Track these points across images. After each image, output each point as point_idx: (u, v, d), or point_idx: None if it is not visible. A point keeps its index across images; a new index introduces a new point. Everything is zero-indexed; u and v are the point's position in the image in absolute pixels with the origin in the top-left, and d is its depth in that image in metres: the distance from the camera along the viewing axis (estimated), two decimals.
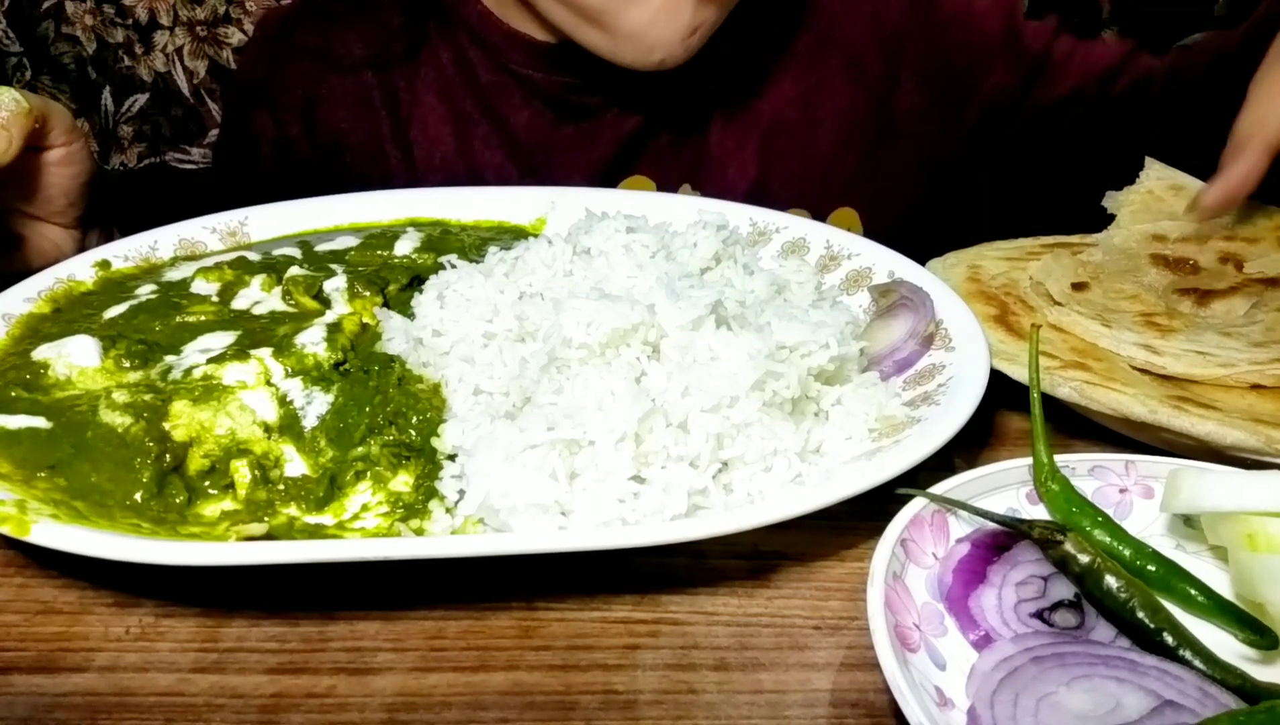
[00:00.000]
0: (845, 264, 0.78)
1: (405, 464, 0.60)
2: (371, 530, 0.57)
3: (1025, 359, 0.64)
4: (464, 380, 0.64)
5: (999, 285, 0.77)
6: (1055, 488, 0.56)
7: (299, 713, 0.47)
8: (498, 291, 0.68)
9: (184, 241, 0.83)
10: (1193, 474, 0.54)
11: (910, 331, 0.68)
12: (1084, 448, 0.65)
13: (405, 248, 0.80)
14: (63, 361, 0.66)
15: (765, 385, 0.59)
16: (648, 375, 0.60)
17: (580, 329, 0.60)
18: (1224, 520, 0.52)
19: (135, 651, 0.50)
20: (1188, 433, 0.61)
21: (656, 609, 0.54)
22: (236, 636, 0.51)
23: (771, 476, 0.58)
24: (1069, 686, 0.46)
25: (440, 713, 0.48)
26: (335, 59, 1.01)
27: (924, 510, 0.54)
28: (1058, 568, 0.51)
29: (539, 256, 0.71)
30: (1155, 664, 0.46)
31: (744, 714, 0.48)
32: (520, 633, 0.52)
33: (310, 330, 0.68)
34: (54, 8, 1.90)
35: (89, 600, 0.53)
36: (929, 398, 0.63)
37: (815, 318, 0.66)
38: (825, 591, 0.55)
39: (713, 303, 0.62)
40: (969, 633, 0.50)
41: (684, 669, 0.50)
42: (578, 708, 0.48)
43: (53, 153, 0.79)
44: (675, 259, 0.72)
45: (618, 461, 0.55)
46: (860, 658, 0.51)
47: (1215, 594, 0.51)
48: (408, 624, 0.52)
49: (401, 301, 0.74)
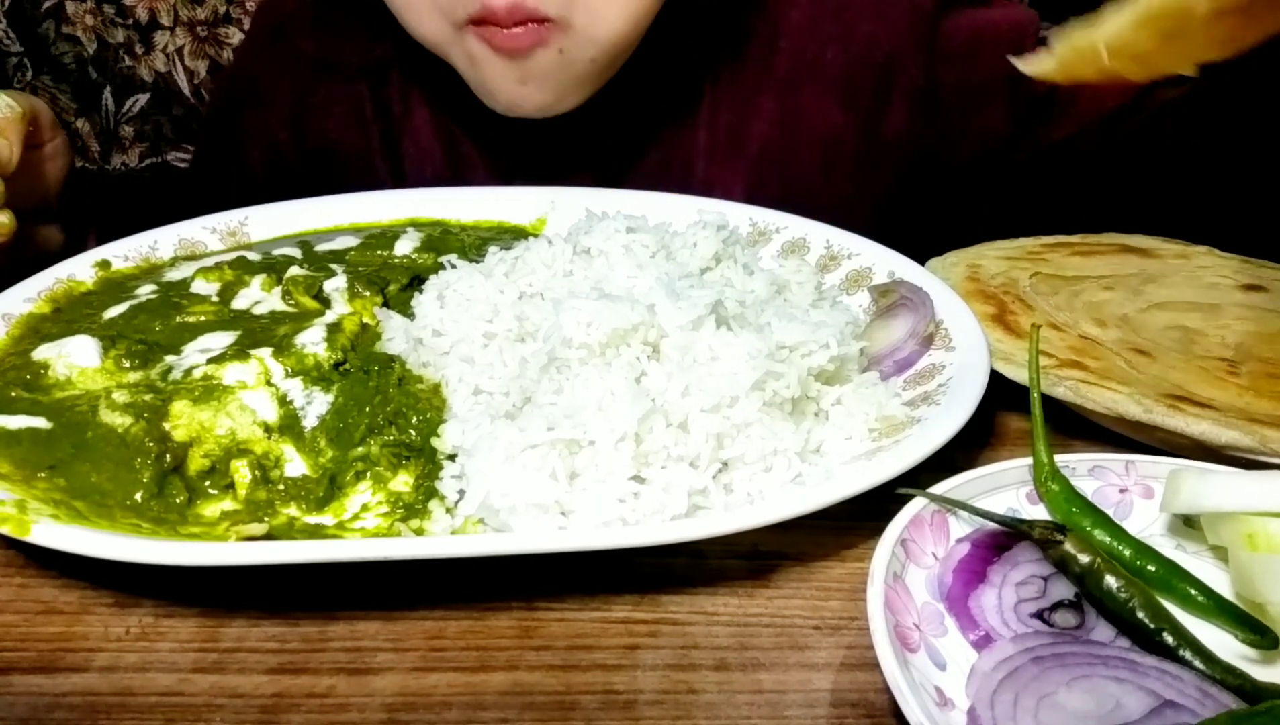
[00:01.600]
0: (845, 264, 0.78)
1: (405, 464, 0.60)
2: (371, 530, 0.57)
3: (1022, 358, 0.64)
4: (464, 380, 0.64)
5: (998, 284, 0.77)
6: (1055, 488, 0.56)
7: (299, 713, 0.47)
8: (498, 291, 0.68)
9: (184, 241, 0.83)
10: (1193, 474, 0.54)
11: (910, 331, 0.68)
12: (1084, 448, 0.65)
13: (405, 248, 0.80)
14: (63, 362, 0.66)
15: (765, 385, 0.59)
16: (648, 375, 0.60)
17: (580, 329, 0.60)
18: (1224, 520, 0.52)
19: (135, 651, 0.50)
20: (1182, 432, 0.61)
21: (656, 609, 0.54)
22: (237, 636, 0.51)
23: (771, 476, 0.58)
24: (1069, 686, 0.46)
25: (440, 713, 0.48)
26: (331, 66, 1.00)
27: (924, 510, 0.54)
28: (1058, 568, 0.51)
29: (539, 256, 0.71)
30: (1155, 664, 0.46)
31: (744, 714, 0.48)
32: (520, 633, 0.52)
33: (310, 330, 0.68)
34: (54, 8, 1.90)
35: (89, 600, 0.53)
36: (929, 398, 0.63)
37: (815, 318, 0.66)
38: (825, 591, 0.55)
39: (713, 303, 0.62)
40: (969, 633, 0.50)
41: (684, 669, 0.50)
42: (578, 708, 0.48)
43: (46, 148, 0.79)
44: (675, 259, 0.72)
45: (618, 461, 0.55)
46: (860, 658, 0.51)
47: (1215, 594, 0.51)
48: (408, 624, 0.52)
49: (402, 301, 0.74)
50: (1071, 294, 0.77)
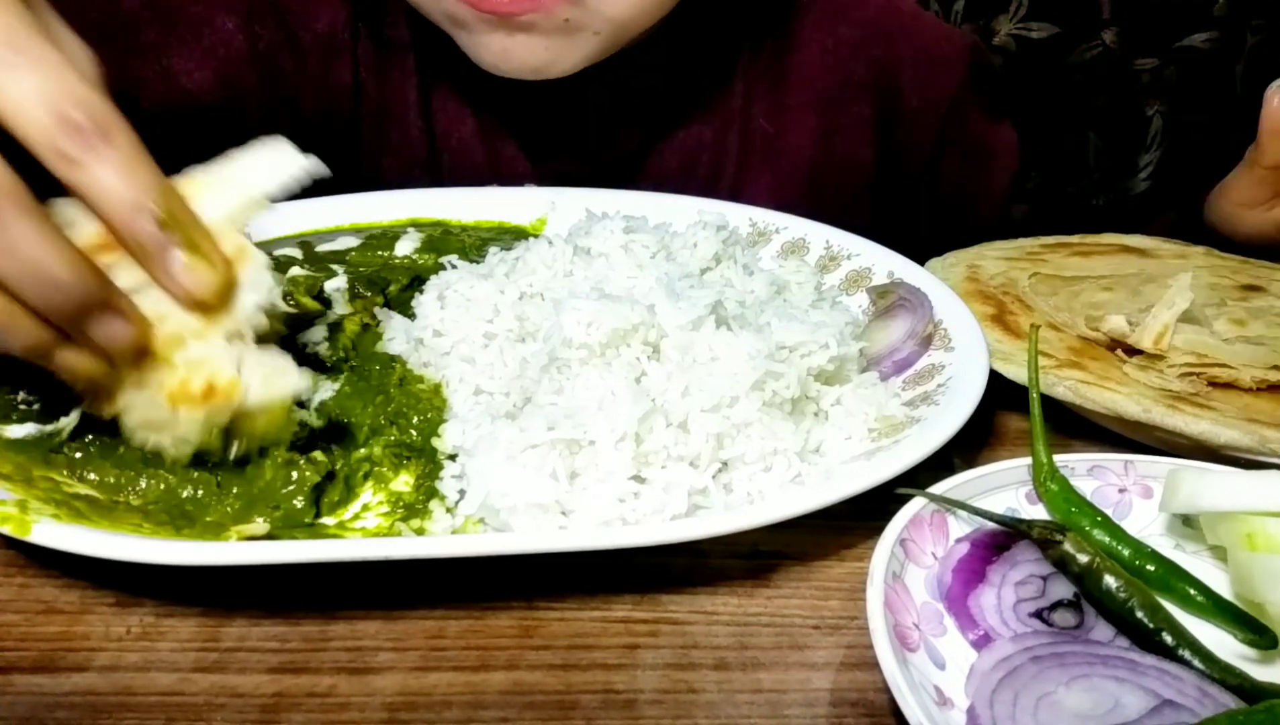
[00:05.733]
0: (845, 264, 0.78)
1: (406, 464, 0.60)
2: (372, 530, 0.57)
3: (1021, 358, 0.64)
4: (464, 380, 0.64)
5: (997, 284, 0.78)
6: (1054, 488, 0.56)
7: (300, 712, 0.48)
8: (498, 292, 0.69)
9: None
10: (1192, 474, 0.54)
11: (909, 332, 0.68)
12: (1083, 448, 0.66)
13: (406, 248, 0.80)
14: None
15: (765, 385, 0.59)
16: (648, 375, 0.60)
17: (580, 329, 0.60)
18: (1223, 520, 0.52)
19: (136, 651, 0.50)
20: (1182, 432, 0.61)
21: (656, 609, 0.54)
22: (237, 636, 0.51)
23: (771, 476, 0.58)
24: (1068, 686, 0.46)
25: (441, 712, 0.48)
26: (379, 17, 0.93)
27: (923, 510, 0.54)
28: (1057, 567, 0.52)
29: (539, 257, 0.71)
30: (1154, 663, 0.46)
31: (744, 713, 0.48)
32: (520, 632, 0.52)
33: (312, 330, 0.68)
34: None
35: (90, 600, 0.53)
36: (928, 398, 0.63)
37: (815, 318, 0.66)
38: (825, 591, 0.55)
39: (713, 303, 0.62)
40: (968, 632, 0.50)
41: (684, 668, 0.50)
42: (578, 707, 0.48)
43: None
44: (675, 259, 0.72)
45: (618, 461, 0.55)
46: (860, 657, 0.51)
47: (1214, 594, 0.51)
48: (408, 624, 0.52)
49: (402, 302, 0.74)
50: (1071, 294, 0.77)
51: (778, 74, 0.96)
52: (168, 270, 0.49)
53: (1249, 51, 1.50)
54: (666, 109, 0.95)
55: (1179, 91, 1.51)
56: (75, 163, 0.45)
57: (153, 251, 0.49)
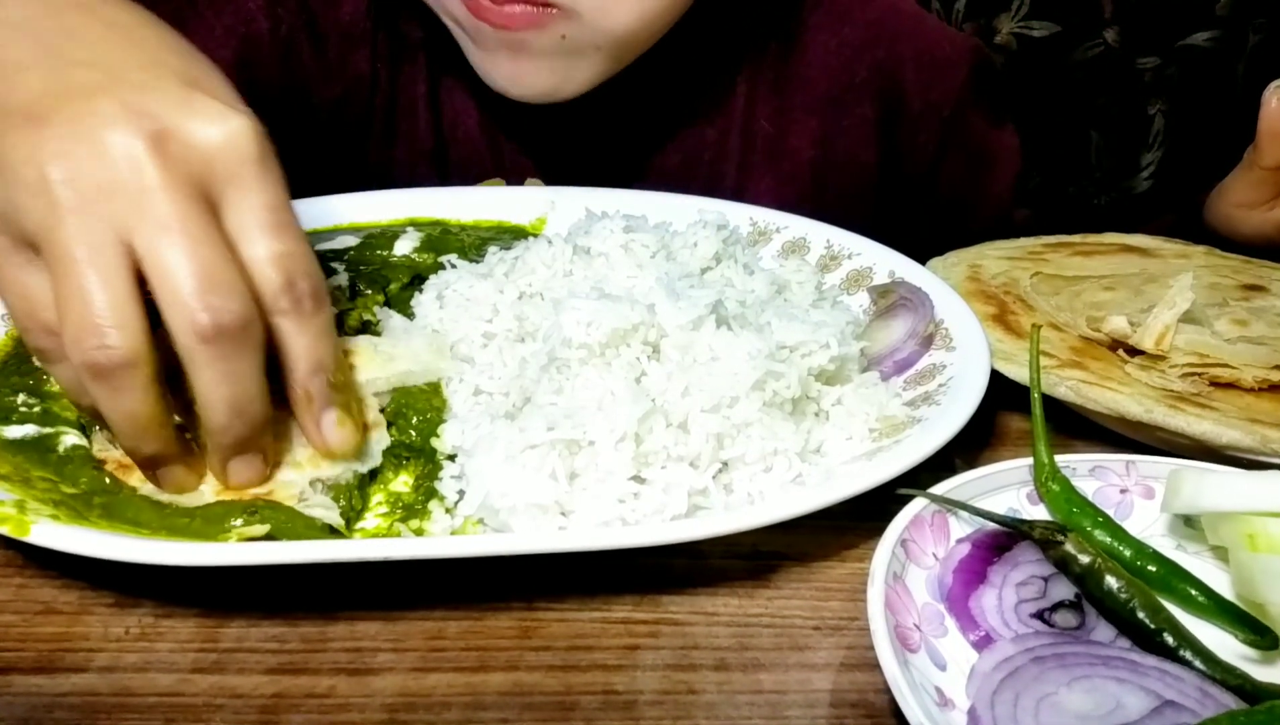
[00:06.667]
0: (845, 264, 0.78)
1: (405, 464, 0.60)
2: (371, 530, 0.57)
3: (1023, 358, 0.64)
4: (464, 380, 0.64)
5: (999, 284, 0.77)
6: (1056, 488, 0.56)
7: (299, 713, 0.47)
8: (497, 291, 0.68)
9: None
10: (1193, 474, 0.54)
11: (910, 331, 0.68)
12: (1084, 448, 0.65)
13: (405, 247, 0.80)
14: None
15: (765, 385, 0.59)
16: (648, 375, 0.60)
17: (580, 329, 0.60)
18: (1224, 520, 0.52)
19: (135, 652, 0.50)
20: (1183, 432, 0.61)
21: (656, 609, 0.54)
22: (236, 637, 0.51)
23: (772, 477, 0.58)
24: (1069, 687, 0.46)
25: (440, 713, 0.48)
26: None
27: (924, 510, 0.53)
28: (1058, 568, 0.51)
29: (539, 256, 0.71)
30: (1155, 664, 0.46)
31: (744, 714, 0.48)
32: (520, 633, 0.52)
33: None
34: None
35: (89, 600, 0.53)
36: (929, 398, 0.63)
37: (815, 318, 0.66)
38: (825, 592, 0.55)
39: (713, 303, 0.62)
40: (969, 633, 0.50)
41: (684, 669, 0.50)
42: (578, 708, 0.48)
43: None
44: (675, 259, 0.72)
45: (618, 461, 0.55)
46: (860, 658, 0.51)
47: (1216, 594, 0.51)
48: (408, 624, 0.52)
49: (402, 301, 0.74)
50: (1072, 294, 0.77)
51: (780, 75, 0.96)
52: (319, 422, 0.55)
53: (1251, 50, 1.50)
54: (669, 109, 0.95)
55: (1181, 90, 1.51)
56: (285, 314, 0.52)
57: (316, 404, 0.55)
